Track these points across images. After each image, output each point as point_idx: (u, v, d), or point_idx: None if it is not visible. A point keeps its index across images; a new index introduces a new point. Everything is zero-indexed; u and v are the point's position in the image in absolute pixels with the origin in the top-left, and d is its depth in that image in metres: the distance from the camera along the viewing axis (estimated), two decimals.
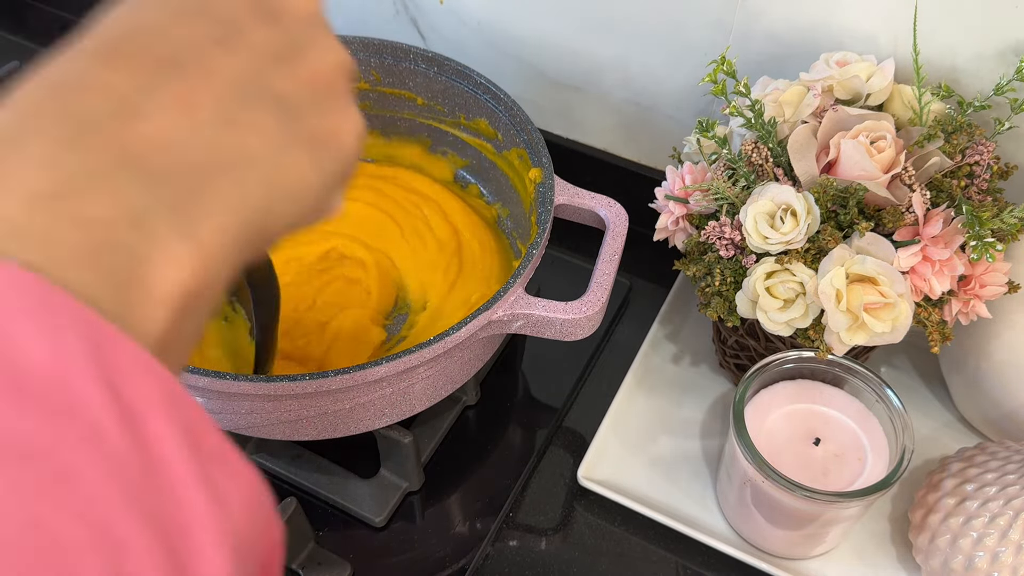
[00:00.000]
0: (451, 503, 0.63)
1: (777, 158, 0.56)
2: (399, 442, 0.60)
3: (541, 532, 0.62)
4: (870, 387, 0.56)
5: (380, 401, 0.55)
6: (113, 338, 0.20)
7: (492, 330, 0.55)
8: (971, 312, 0.55)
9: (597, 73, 0.72)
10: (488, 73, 0.66)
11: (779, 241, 0.52)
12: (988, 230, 0.51)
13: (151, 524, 0.20)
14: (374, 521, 0.61)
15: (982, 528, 0.52)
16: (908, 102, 0.57)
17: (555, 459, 0.66)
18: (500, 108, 0.65)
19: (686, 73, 0.68)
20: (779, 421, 0.57)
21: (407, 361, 0.51)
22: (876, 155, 0.52)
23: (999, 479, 0.53)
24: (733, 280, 0.55)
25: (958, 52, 0.58)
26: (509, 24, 0.73)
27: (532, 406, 0.69)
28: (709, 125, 0.56)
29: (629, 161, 0.77)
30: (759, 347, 0.61)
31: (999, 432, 0.62)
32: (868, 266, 0.51)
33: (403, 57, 0.68)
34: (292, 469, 0.63)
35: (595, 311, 0.55)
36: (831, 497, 0.51)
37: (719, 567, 0.60)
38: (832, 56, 0.59)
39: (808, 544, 0.58)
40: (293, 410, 0.54)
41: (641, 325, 0.71)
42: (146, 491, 0.20)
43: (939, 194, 0.54)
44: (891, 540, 0.61)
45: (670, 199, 0.59)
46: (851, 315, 0.51)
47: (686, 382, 0.69)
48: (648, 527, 0.61)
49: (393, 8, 0.77)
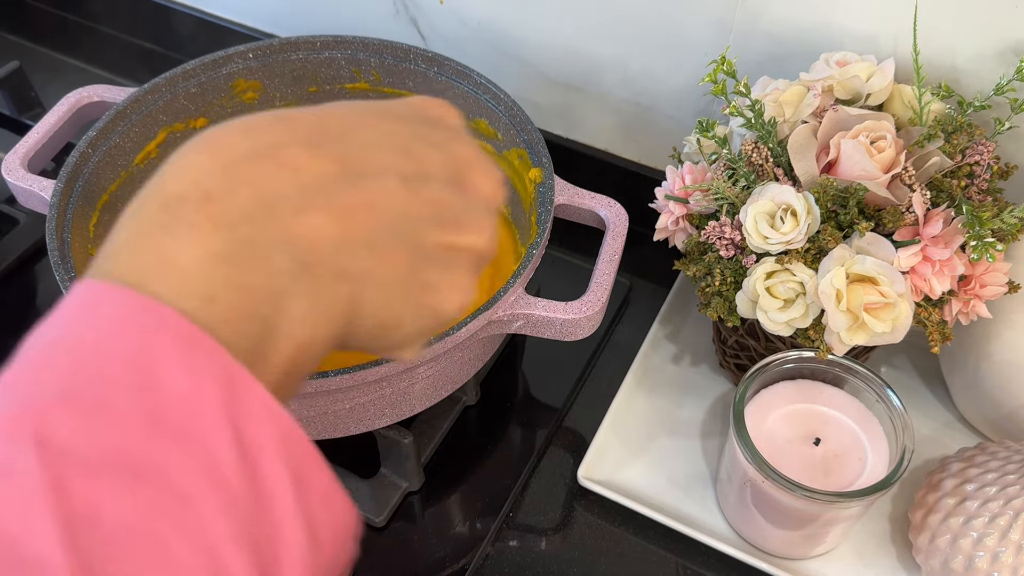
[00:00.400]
0: (451, 503, 0.63)
1: (777, 158, 0.56)
2: (399, 442, 0.60)
3: (541, 532, 0.62)
4: (870, 387, 0.56)
5: (380, 401, 0.55)
6: (245, 382, 0.24)
7: (492, 330, 0.55)
8: (971, 312, 0.55)
9: (597, 73, 0.72)
10: (488, 73, 0.66)
11: (779, 241, 0.52)
12: (988, 230, 0.51)
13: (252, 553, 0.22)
14: (374, 521, 0.61)
15: (982, 528, 0.52)
16: (908, 102, 0.57)
17: (555, 459, 0.66)
18: (500, 108, 0.65)
19: (686, 73, 0.68)
20: (779, 421, 0.57)
21: (407, 361, 0.51)
22: (876, 155, 0.52)
23: (999, 479, 0.53)
24: (733, 280, 0.55)
25: (958, 52, 0.58)
26: (509, 24, 0.73)
27: (532, 406, 0.69)
28: (709, 125, 0.56)
29: (629, 161, 0.77)
30: (759, 347, 0.61)
31: (999, 432, 0.62)
32: (868, 266, 0.51)
33: (403, 57, 0.68)
34: None
35: (595, 311, 0.55)
36: (831, 497, 0.51)
37: (719, 567, 0.60)
38: (832, 56, 0.59)
39: (808, 544, 0.58)
40: (293, 410, 0.54)
41: (641, 325, 0.71)
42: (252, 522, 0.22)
43: (939, 194, 0.54)
44: (891, 540, 0.61)
45: (670, 199, 0.59)
46: (851, 315, 0.51)
47: (686, 382, 0.69)
48: (648, 527, 0.61)
49: (393, 8, 0.77)
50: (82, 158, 0.60)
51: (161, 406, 0.22)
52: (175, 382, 0.22)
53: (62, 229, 0.56)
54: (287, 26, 0.86)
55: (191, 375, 0.23)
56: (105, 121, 0.62)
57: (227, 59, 0.66)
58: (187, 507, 0.21)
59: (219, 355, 0.23)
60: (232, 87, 0.68)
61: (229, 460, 0.22)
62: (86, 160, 0.60)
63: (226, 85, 0.67)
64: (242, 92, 0.68)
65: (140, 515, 0.21)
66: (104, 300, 0.24)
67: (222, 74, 0.67)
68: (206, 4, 0.89)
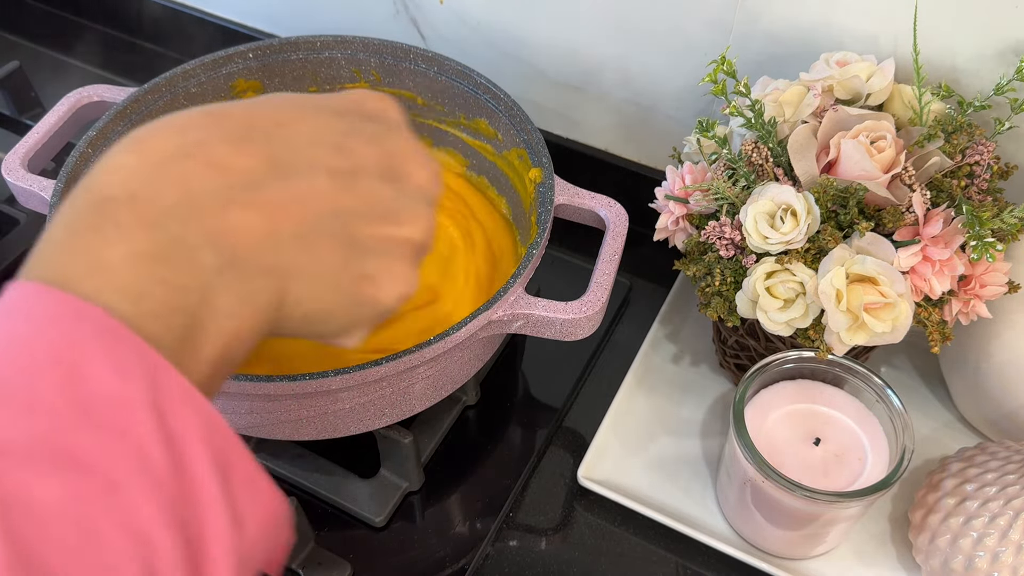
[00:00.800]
0: (451, 503, 0.63)
1: (777, 158, 0.56)
2: (399, 442, 0.60)
3: (541, 532, 0.62)
4: (870, 387, 0.56)
5: (380, 401, 0.55)
6: (167, 374, 0.25)
7: (492, 330, 0.55)
8: (971, 312, 0.55)
9: (597, 73, 0.72)
10: (488, 73, 0.66)
11: (779, 241, 0.52)
12: (988, 230, 0.51)
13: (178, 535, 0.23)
14: (374, 521, 0.61)
15: (982, 528, 0.52)
16: (908, 102, 0.57)
17: (555, 459, 0.66)
18: (500, 108, 0.65)
19: (686, 73, 0.68)
20: (779, 421, 0.57)
21: (407, 361, 0.51)
22: (876, 155, 0.52)
23: (999, 479, 0.53)
24: (733, 280, 0.55)
25: (958, 52, 0.58)
26: (509, 24, 0.73)
27: (532, 406, 0.69)
28: (709, 125, 0.56)
29: (629, 161, 0.77)
30: (759, 347, 0.61)
31: (999, 432, 0.62)
32: (868, 266, 0.51)
33: (403, 57, 0.68)
34: (292, 469, 0.63)
35: (595, 311, 0.55)
36: (831, 497, 0.51)
37: (719, 567, 0.60)
38: (832, 56, 0.59)
39: (808, 544, 0.58)
40: (293, 410, 0.54)
41: (641, 325, 0.71)
42: (178, 506, 0.24)
43: (939, 194, 0.54)
44: (891, 540, 0.61)
45: (670, 199, 0.59)
46: (851, 315, 0.51)
47: (686, 382, 0.69)
48: (648, 527, 0.61)
49: (393, 8, 0.77)
50: (82, 158, 0.60)
51: (87, 398, 0.23)
52: (100, 375, 0.24)
53: None
54: (287, 26, 0.86)
55: (116, 369, 0.24)
56: (105, 121, 0.62)
57: (227, 59, 0.66)
58: (115, 492, 0.23)
59: (143, 349, 0.24)
60: (232, 87, 0.68)
61: (154, 448, 0.24)
62: (86, 160, 0.60)
63: (226, 85, 0.67)
64: (242, 92, 0.68)
65: (70, 500, 0.22)
66: (34, 300, 0.25)
67: (222, 74, 0.67)
68: (206, 4, 0.89)
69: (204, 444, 0.25)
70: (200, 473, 0.24)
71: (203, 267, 0.26)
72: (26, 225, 0.77)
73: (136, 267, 0.25)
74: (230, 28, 0.88)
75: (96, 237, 0.25)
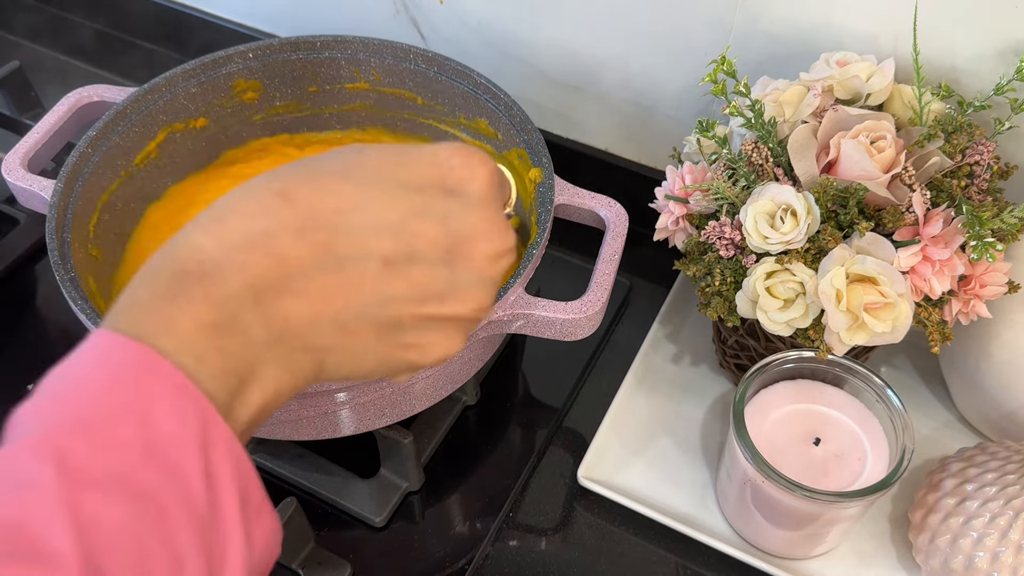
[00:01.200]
0: (451, 503, 0.63)
1: (777, 158, 0.56)
2: (399, 442, 0.60)
3: (541, 532, 0.62)
4: (870, 387, 0.56)
5: (380, 401, 0.55)
6: (216, 424, 0.30)
7: (492, 330, 0.55)
8: (971, 312, 0.55)
9: (597, 73, 0.72)
10: (488, 73, 0.66)
11: (779, 241, 0.52)
12: (988, 230, 0.51)
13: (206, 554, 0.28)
14: (374, 521, 0.61)
15: (982, 528, 0.52)
16: (908, 102, 0.57)
17: (555, 459, 0.66)
18: (500, 108, 0.65)
19: (686, 73, 0.68)
20: (779, 421, 0.57)
21: None
22: (876, 155, 0.52)
23: (999, 479, 0.53)
24: (733, 280, 0.55)
25: (958, 52, 0.58)
26: (509, 24, 0.73)
27: (532, 406, 0.69)
28: (709, 125, 0.56)
29: (629, 161, 0.77)
30: (759, 347, 0.61)
31: (999, 432, 0.62)
32: (868, 266, 0.51)
33: (403, 57, 0.68)
34: (292, 469, 0.63)
35: (595, 311, 0.55)
36: (831, 497, 0.51)
37: (719, 567, 0.60)
38: (832, 56, 0.59)
39: (808, 544, 0.58)
40: (293, 410, 0.54)
41: (641, 325, 0.71)
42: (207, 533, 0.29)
43: (939, 194, 0.54)
44: (891, 540, 0.61)
45: (670, 199, 0.59)
46: (851, 315, 0.51)
47: (686, 382, 0.69)
48: (648, 527, 0.61)
49: (393, 8, 0.77)
50: (82, 158, 0.60)
51: (154, 439, 0.28)
52: (166, 421, 0.29)
53: (62, 229, 0.56)
54: (287, 26, 0.86)
55: (178, 416, 0.29)
56: (105, 121, 0.62)
57: (227, 59, 0.66)
58: (163, 517, 0.28)
59: (200, 402, 0.30)
60: (232, 87, 0.68)
61: (198, 484, 0.29)
62: (86, 160, 0.60)
63: (226, 85, 0.67)
64: (242, 92, 0.68)
65: (130, 521, 0.27)
66: (116, 349, 0.30)
67: (222, 74, 0.67)
68: (206, 4, 0.89)
69: (234, 482, 0.30)
70: (228, 507, 0.29)
71: (254, 341, 0.32)
72: (26, 225, 0.77)
73: (201, 335, 0.30)
74: (230, 28, 0.88)
75: (172, 306, 0.30)
